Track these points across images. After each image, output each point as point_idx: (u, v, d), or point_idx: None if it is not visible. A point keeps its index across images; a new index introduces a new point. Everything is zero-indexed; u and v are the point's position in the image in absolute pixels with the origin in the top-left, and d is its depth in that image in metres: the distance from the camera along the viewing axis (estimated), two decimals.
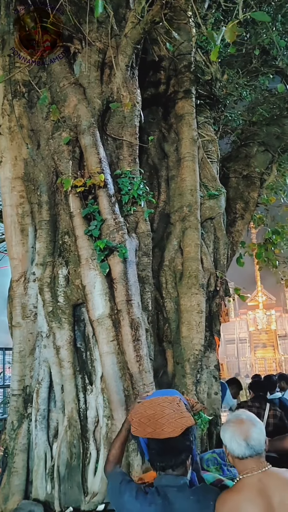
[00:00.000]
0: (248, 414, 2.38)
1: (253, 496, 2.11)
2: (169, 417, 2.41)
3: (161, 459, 2.34)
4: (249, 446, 2.20)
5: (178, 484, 2.28)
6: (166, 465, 2.30)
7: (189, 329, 5.30)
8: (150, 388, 4.43)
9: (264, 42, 8.20)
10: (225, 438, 2.29)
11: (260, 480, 2.15)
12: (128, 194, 4.88)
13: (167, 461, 2.31)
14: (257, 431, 2.25)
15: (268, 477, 2.17)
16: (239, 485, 2.19)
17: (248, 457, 2.19)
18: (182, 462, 2.29)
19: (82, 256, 4.58)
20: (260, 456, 2.23)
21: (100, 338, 4.47)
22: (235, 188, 7.30)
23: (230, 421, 2.35)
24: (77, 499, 4.36)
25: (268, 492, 2.11)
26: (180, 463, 2.29)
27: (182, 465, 2.29)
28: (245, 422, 2.28)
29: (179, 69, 6.29)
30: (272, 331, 33.05)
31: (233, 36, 3.35)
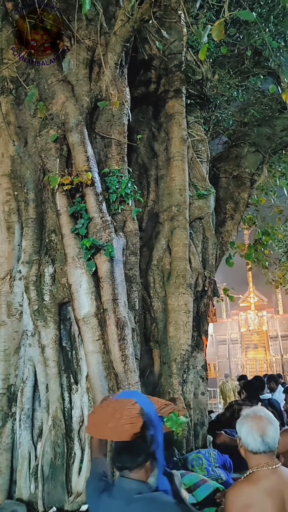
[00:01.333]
0: (266, 411, 2.47)
1: (268, 488, 2.22)
2: (117, 421, 2.41)
3: (118, 459, 2.34)
4: (264, 442, 2.29)
5: (131, 488, 2.23)
6: (122, 465, 2.29)
7: (176, 329, 5.29)
8: (136, 387, 4.40)
9: (256, 43, 8.22)
10: (241, 431, 2.37)
11: (272, 475, 2.25)
12: (115, 192, 4.86)
13: (123, 462, 2.31)
14: (273, 429, 2.34)
15: (278, 474, 2.28)
16: (254, 477, 2.28)
17: (262, 453, 2.29)
18: (139, 465, 2.26)
19: (68, 254, 4.55)
20: (273, 453, 2.32)
21: (86, 337, 4.44)
22: (225, 188, 7.29)
23: (249, 416, 2.42)
24: (60, 499, 4.33)
25: (280, 488, 2.22)
26: (137, 466, 2.26)
27: (139, 468, 2.26)
28: (263, 419, 2.36)
29: (169, 68, 6.28)
30: (264, 332, 33.10)
31: (220, 35, 3.34)
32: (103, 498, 2.32)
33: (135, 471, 2.26)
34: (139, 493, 2.21)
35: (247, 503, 2.18)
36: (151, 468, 2.29)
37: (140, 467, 2.27)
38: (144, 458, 2.29)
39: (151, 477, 2.28)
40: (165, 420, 2.54)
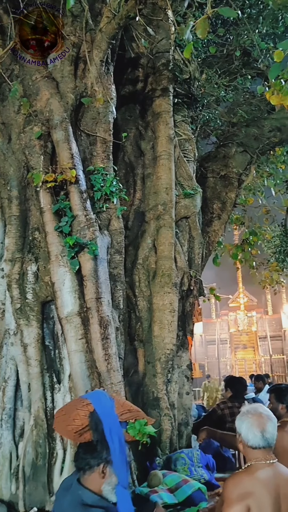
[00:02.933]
0: (265, 408, 2.60)
1: (266, 480, 2.31)
2: (65, 421, 2.45)
3: (75, 458, 2.39)
4: (264, 438, 2.40)
5: (76, 495, 2.23)
6: (77, 465, 2.31)
7: (161, 328, 5.27)
8: (119, 387, 4.38)
9: (245, 44, 8.25)
10: (242, 427, 2.48)
11: (269, 469, 2.36)
12: (100, 190, 4.82)
13: (77, 461, 2.34)
14: (273, 425, 2.46)
15: (275, 469, 2.39)
16: (252, 469, 2.38)
17: (261, 448, 2.40)
18: (90, 468, 2.27)
19: (51, 252, 4.50)
20: (271, 449, 2.44)
21: (69, 336, 4.40)
22: (212, 188, 7.28)
23: (249, 412, 2.52)
24: (42, 499, 4.29)
25: (276, 481, 2.33)
26: (88, 469, 2.27)
27: (90, 471, 2.27)
28: (263, 416, 2.48)
29: (157, 67, 6.25)
30: (253, 332, 33.27)
31: (204, 32, 3.32)
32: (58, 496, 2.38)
33: (88, 474, 2.27)
34: (84, 504, 2.18)
35: (246, 492, 2.25)
36: (104, 474, 2.27)
37: (92, 470, 2.27)
38: (97, 460, 2.28)
39: (105, 485, 2.27)
40: (128, 428, 2.51)
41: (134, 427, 2.48)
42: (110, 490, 2.28)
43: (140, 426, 2.48)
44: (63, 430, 2.50)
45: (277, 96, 3.47)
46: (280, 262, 11.76)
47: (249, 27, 7.57)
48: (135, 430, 2.47)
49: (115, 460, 2.30)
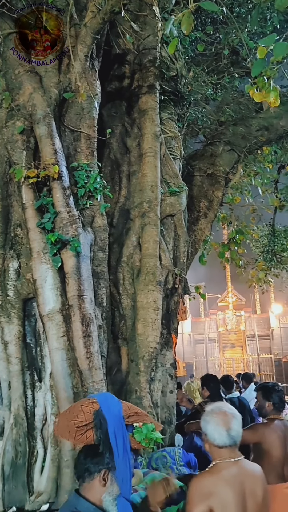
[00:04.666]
0: (230, 406, 2.57)
1: (228, 478, 2.30)
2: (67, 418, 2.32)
3: (75, 466, 2.18)
4: (229, 436, 2.38)
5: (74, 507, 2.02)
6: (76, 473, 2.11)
7: (144, 326, 5.23)
8: (100, 385, 4.34)
9: (234, 43, 8.24)
10: (207, 427, 2.45)
11: (234, 467, 2.35)
12: (84, 187, 4.78)
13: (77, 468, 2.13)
14: (237, 423, 2.45)
15: (240, 466, 2.39)
16: (215, 468, 2.37)
17: (227, 447, 2.38)
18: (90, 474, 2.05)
19: (33, 249, 4.45)
20: (236, 446, 2.43)
21: (50, 333, 4.36)
22: (199, 186, 7.27)
23: (213, 411, 2.49)
24: (21, 498, 4.24)
25: (241, 478, 2.33)
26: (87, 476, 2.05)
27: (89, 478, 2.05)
28: (227, 414, 2.45)
29: (143, 63, 6.21)
30: (241, 331, 33.41)
31: (189, 28, 3.29)
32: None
33: (87, 481, 2.05)
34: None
35: (208, 493, 2.24)
36: (105, 481, 2.06)
37: (92, 477, 2.05)
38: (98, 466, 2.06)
39: (105, 495, 2.06)
40: (135, 432, 2.34)
41: (141, 432, 2.34)
42: (111, 502, 2.04)
43: (148, 431, 2.34)
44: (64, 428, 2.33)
45: (260, 93, 3.45)
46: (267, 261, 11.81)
47: (238, 26, 7.55)
48: (142, 435, 2.33)
49: (118, 466, 2.10)
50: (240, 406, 7.01)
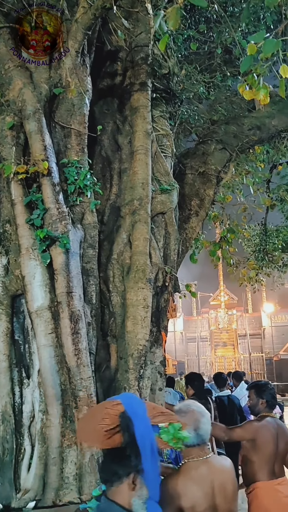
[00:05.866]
0: (198, 405, 2.55)
1: (196, 477, 2.30)
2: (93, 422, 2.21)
3: (100, 470, 2.13)
4: (198, 435, 2.38)
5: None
6: (103, 477, 2.06)
7: (134, 323, 5.22)
8: (88, 382, 4.34)
9: (227, 42, 8.24)
10: None
11: (203, 465, 2.36)
12: (74, 184, 4.76)
13: (103, 472, 2.07)
14: (206, 421, 2.43)
15: (210, 463, 2.39)
16: (184, 468, 2.38)
17: (196, 446, 2.37)
18: (119, 478, 2.00)
19: (22, 245, 4.43)
20: (205, 444, 2.43)
21: (38, 330, 4.35)
22: (190, 184, 7.26)
23: (181, 410, 2.47)
24: (8, 495, 4.22)
25: (210, 476, 2.33)
26: (116, 479, 1.99)
27: (119, 482, 1.99)
28: (195, 413, 2.45)
29: (136, 61, 6.19)
30: (233, 330, 33.57)
31: (176, 24, 3.28)
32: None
33: (116, 485, 1.99)
34: None
35: (177, 493, 2.24)
36: (134, 485, 2.01)
37: (121, 481, 1.99)
38: (127, 469, 2.00)
39: (135, 498, 2.01)
40: (161, 432, 2.25)
41: (168, 432, 2.22)
42: (141, 505, 1.99)
43: (175, 430, 2.23)
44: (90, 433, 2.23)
45: (250, 90, 3.45)
46: (259, 260, 11.86)
47: (231, 25, 7.55)
48: (169, 435, 2.21)
49: (146, 469, 2.03)
50: (230, 405, 7.05)
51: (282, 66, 3.17)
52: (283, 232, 12.34)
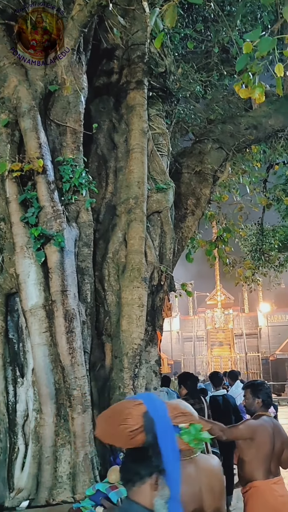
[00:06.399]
0: (184, 403, 2.47)
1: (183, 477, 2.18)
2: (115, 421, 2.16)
3: (122, 470, 2.08)
4: None
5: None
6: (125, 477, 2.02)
7: (129, 322, 5.20)
8: (82, 381, 4.32)
9: (224, 41, 8.23)
10: None
11: (190, 465, 2.32)
12: (69, 182, 4.74)
13: (125, 472, 2.03)
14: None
15: (197, 462, 2.36)
16: None
17: None
18: (141, 478, 1.96)
19: (17, 243, 4.41)
20: None
21: (32, 329, 4.33)
22: (187, 183, 7.25)
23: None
24: (1, 495, 4.20)
25: (197, 476, 2.31)
26: (138, 480, 1.96)
27: (141, 483, 1.96)
28: None
29: (132, 59, 6.17)
30: (229, 330, 33.60)
31: (173, 21, 3.27)
32: None
33: (138, 485, 1.97)
34: None
35: None
36: (157, 485, 1.98)
37: (143, 481, 1.97)
38: (149, 469, 1.98)
39: (157, 498, 1.99)
40: (182, 433, 2.24)
41: (189, 433, 2.20)
42: (163, 505, 1.98)
43: (196, 431, 2.21)
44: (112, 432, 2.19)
45: (245, 89, 3.44)
46: (256, 260, 11.86)
47: (228, 24, 7.54)
48: (190, 435, 2.20)
49: (168, 469, 2.02)
50: (224, 404, 7.03)
51: (277, 65, 3.15)
52: (280, 232, 12.36)
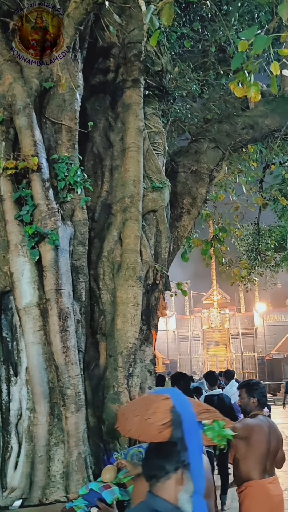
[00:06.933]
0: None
1: None
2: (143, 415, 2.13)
3: (145, 465, 2.05)
4: None
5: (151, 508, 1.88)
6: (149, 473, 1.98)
7: (123, 321, 5.19)
8: (76, 380, 4.31)
9: (221, 40, 8.22)
10: None
11: None
12: (64, 180, 4.72)
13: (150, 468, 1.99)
14: None
15: None
16: None
17: None
18: (166, 473, 1.93)
19: (11, 241, 4.39)
20: None
21: (26, 327, 4.31)
22: (183, 183, 7.24)
23: None
24: None
25: None
26: (164, 474, 1.93)
27: (166, 478, 1.93)
28: None
29: (128, 57, 6.15)
30: (225, 329, 33.65)
31: (169, 19, 3.26)
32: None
33: (162, 481, 1.93)
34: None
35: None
36: (182, 480, 1.96)
37: (168, 477, 1.94)
38: (174, 464, 1.95)
39: (182, 493, 1.96)
40: (206, 429, 2.21)
41: (213, 429, 2.18)
42: (187, 499, 1.95)
43: (219, 428, 2.19)
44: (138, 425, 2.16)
45: (241, 87, 3.42)
46: (252, 260, 11.86)
47: (225, 24, 7.53)
48: (214, 432, 2.18)
49: (193, 463, 2.00)
50: (219, 403, 7.05)
51: (273, 63, 3.14)
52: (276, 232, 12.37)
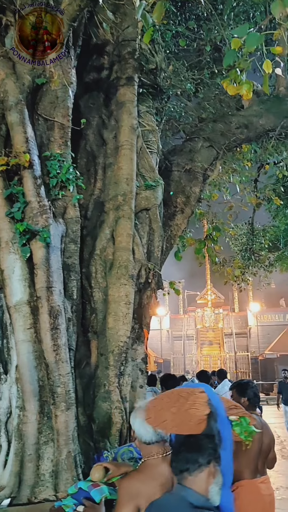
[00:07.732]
0: None
1: (154, 475, 2.29)
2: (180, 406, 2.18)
3: (176, 459, 2.03)
4: (156, 433, 2.35)
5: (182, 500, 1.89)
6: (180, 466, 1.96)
7: (115, 320, 5.17)
8: (67, 378, 4.29)
9: (216, 39, 8.21)
10: (135, 424, 2.41)
11: (163, 463, 2.34)
12: (56, 177, 4.70)
13: (182, 461, 1.98)
14: None
15: (169, 461, 2.30)
16: (142, 466, 2.39)
17: (155, 443, 2.36)
18: (201, 466, 1.94)
19: (2, 239, 4.36)
20: (165, 441, 2.40)
21: (17, 325, 4.28)
22: (177, 181, 7.22)
23: (141, 407, 2.44)
24: None
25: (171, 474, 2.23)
26: (198, 467, 1.93)
27: (199, 471, 1.93)
28: None
29: (123, 55, 6.13)
30: (219, 329, 33.70)
31: (160, 17, 3.24)
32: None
33: (195, 474, 1.93)
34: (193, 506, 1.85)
35: (136, 492, 2.23)
36: (214, 473, 1.97)
37: (201, 470, 1.94)
38: (207, 457, 1.96)
39: (213, 485, 1.97)
40: (234, 425, 2.26)
41: (240, 425, 2.24)
42: (217, 491, 1.97)
43: (246, 424, 2.26)
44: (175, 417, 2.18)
45: (233, 86, 3.41)
46: (245, 260, 11.88)
47: (221, 23, 7.52)
48: (242, 428, 2.24)
49: (223, 457, 2.04)
50: None
51: (265, 61, 3.13)
52: (270, 231, 12.41)
